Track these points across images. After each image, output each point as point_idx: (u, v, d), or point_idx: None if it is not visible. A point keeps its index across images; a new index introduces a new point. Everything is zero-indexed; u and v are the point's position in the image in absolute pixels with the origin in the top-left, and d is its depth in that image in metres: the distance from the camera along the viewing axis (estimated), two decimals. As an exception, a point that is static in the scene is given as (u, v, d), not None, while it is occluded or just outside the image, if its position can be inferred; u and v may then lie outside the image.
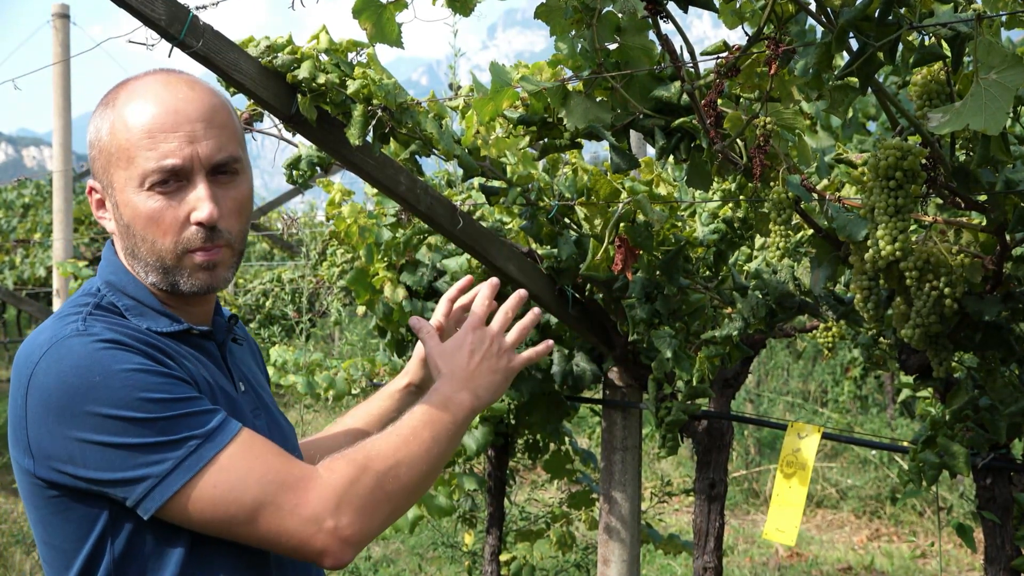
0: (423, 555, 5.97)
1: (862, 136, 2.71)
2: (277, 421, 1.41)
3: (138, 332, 1.22)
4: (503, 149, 2.22)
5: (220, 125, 1.26)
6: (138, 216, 1.23)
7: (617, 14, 1.60)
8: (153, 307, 1.28)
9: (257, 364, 1.52)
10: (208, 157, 1.23)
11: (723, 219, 2.51)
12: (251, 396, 1.37)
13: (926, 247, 1.68)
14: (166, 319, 1.27)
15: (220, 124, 1.26)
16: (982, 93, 1.22)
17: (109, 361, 1.15)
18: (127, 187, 1.23)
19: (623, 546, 2.58)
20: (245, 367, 1.42)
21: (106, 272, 1.30)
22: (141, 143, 1.21)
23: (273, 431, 1.36)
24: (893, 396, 8.25)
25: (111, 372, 1.14)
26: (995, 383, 2.01)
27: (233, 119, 1.29)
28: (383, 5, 1.62)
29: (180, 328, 1.28)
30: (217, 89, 1.30)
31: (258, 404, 1.36)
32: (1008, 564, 2.19)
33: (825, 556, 6.20)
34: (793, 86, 1.63)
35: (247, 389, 1.36)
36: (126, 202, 1.24)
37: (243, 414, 1.31)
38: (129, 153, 1.22)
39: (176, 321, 1.28)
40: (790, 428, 2.46)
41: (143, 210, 1.23)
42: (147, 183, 1.22)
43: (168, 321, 1.27)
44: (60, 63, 6.01)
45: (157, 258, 1.25)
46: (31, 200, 11.99)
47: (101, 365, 1.14)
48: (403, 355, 3.34)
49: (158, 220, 1.23)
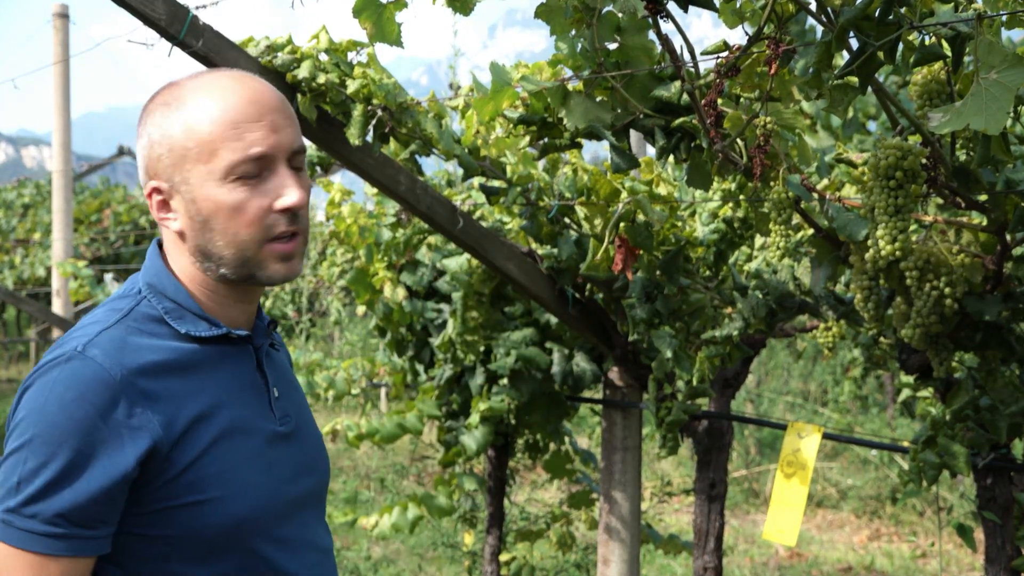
0: (423, 555, 5.98)
1: (862, 136, 2.71)
2: (305, 429, 1.43)
3: (136, 362, 1.23)
4: (503, 149, 2.22)
5: (291, 116, 1.30)
6: (221, 208, 1.25)
7: (617, 14, 1.60)
8: (193, 310, 1.30)
9: (287, 363, 1.54)
10: (289, 145, 1.27)
11: (723, 219, 2.51)
12: (284, 403, 1.38)
13: (926, 247, 1.68)
14: (205, 323, 1.30)
15: (291, 115, 1.30)
16: (983, 93, 1.22)
17: (61, 408, 1.18)
18: (207, 182, 1.25)
19: (623, 546, 2.58)
20: (281, 373, 1.43)
21: (149, 274, 1.32)
22: (226, 135, 1.24)
23: (297, 440, 1.38)
24: (893, 396, 8.25)
25: (47, 414, 1.19)
26: (995, 383, 2.01)
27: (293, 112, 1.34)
28: (383, 5, 1.62)
29: (219, 332, 1.30)
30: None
31: (289, 411, 1.38)
32: (1008, 564, 2.19)
33: (825, 556, 6.20)
34: (793, 86, 1.63)
35: (281, 395, 1.38)
36: (206, 196, 1.25)
37: (266, 419, 1.34)
38: (213, 146, 1.24)
39: (215, 326, 1.30)
40: (790, 428, 2.46)
41: (227, 201, 1.24)
42: (233, 174, 1.24)
43: (207, 325, 1.29)
44: (60, 63, 6.01)
45: (238, 249, 1.27)
46: (31, 200, 12.00)
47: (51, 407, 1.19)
48: (403, 355, 3.34)
49: (243, 210, 1.25)
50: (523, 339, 2.97)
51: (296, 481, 1.36)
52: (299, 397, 1.46)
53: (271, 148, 1.25)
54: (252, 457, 1.29)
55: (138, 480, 1.20)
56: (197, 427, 1.24)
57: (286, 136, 1.27)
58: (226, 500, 1.24)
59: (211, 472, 1.24)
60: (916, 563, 6.05)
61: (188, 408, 1.24)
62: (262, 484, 1.29)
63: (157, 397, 1.22)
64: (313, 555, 1.36)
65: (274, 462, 1.32)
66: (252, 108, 1.25)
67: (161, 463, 1.21)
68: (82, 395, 1.18)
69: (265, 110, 1.26)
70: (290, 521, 1.34)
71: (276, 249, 1.27)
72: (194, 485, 1.22)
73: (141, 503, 1.22)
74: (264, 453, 1.31)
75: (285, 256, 1.28)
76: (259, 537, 1.28)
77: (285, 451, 1.35)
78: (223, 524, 1.24)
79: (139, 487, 1.21)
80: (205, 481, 1.23)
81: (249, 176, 1.25)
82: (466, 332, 2.83)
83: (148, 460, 1.20)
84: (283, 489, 1.33)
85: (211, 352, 1.30)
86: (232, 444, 1.27)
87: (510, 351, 2.95)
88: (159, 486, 1.21)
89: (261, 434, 1.32)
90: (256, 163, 1.24)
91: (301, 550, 1.34)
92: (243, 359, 1.34)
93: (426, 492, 3.47)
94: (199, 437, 1.24)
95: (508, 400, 3.02)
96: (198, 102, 1.26)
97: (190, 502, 1.22)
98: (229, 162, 1.23)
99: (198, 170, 1.25)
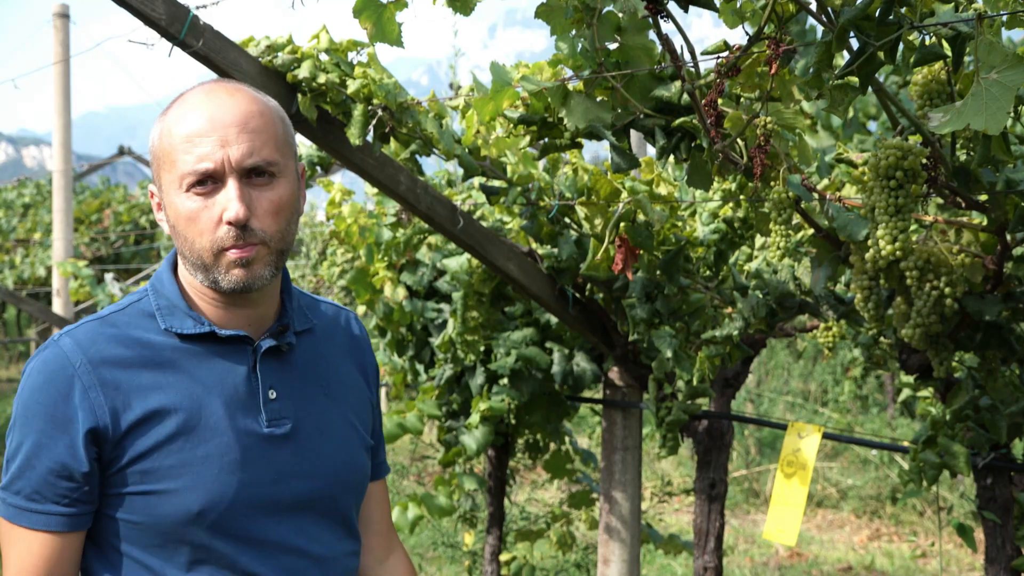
0: (423, 555, 5.97)
1: (863, 136, 2.71)
2: (312, 434, 1.41)
3: (102, 353, 1.33)
4: (503, 149, 2.22)
5: (254, 130, 1.32)
6: (179, 216, 1.31)
7: (617, 13, 1.60)
8: (181, 308, 1.36)
9: (332, 368, 1.50)
10: (239, 160, 1.30)
11: (723, 219, 2.50)
12: (282, 405, 1.38)
13: (927, 247, 1.68)
14: (191, 321, 1.35)
15: (254, 129, 1.32)
16: (983, 93, 1.22)
17: (30, 392, 1.32)
18: (171, 189, 1.32)
19: (623, 546, 2.58)
20: (294, 376, 1.42)
21: (156, 275, 1.41)
22: (181, 147, 1.30)
23: (294, 444, 1.38)
24: (893, 396, 8.25)
25: (22, 397, 1.33)
26: (995, 383, 2.01)
27: (273, 125, 1.35)
28: (383, 5, 1.62)
29: (203, 330, 1.35)
30: (261, 98, 1.36)
31: (286, 414, 1.38)
32: (1008, 564, 2.19)
33: (825, 556, 6.20)
34: (793, 85, 1.63)
35: (281, 397, 1.38)
36: (170, 203, 1.32)
37: (248, 419, 1.34)
38: (172, 157, 1.31)
39: (200, 323, 1.35)
40: (790, 428, 2.46)
41: (183, 210, 1.31)
42: (184, 184, 1.30)
43: (192, 323, 1.35)
44: (60, 63, 6.01)
45: (197, 256, 1.32)
46: (31, 200, 12.00)
47: (25, 391, 1.32)
48: (403, 355, 3.34)
49: (195, 219, 1.30)
50: (523, 339, 2.97)
51: (283, 483, 1.35)
52: (321, 403, 1.43)
53: (217, 163, 1.29)
54: (218, 454, 1.31)
55: (101, 463, 1.29)
56: (157, 419, 1.30)
57: (236, 151, 1.29)
58: (181, 492, 1.29)
59: (166, 464, 1.29)
60: (916, 563, 6.05)
61: (150, 400, 1.30)
62: (224, 482, 1.31)
63: (116, 386, 1.30)
64: (291, 559, 1.35)
65: (249, 462, 1.33)
66: (206, 124, 1.30)
67: (112, 448, 1.29)
68: (47, 381, 1.30)
69: (218, 125, 1.29)
70: (273, 522, 1.34)
71: (231, 256, 1.31)
72: (149, 475, 1.29)
73: (107, 485, 1.30)
74: (234, 451, 1.32)
75: (242, 262, 1.31)
76: (218, 533, 1.31)
77: (272, 453, 1.35)
78: (176, 516, 1.29)
79: (103, 470, 1.30)
80: (160, 472, 1.29)
81: (201, 186, 1.30)
82: (466, 332, 2.83)
83: (97, 444, 1.29)
84: (258, 490, 1.33)
85: (196, 349, 1.35)
86: (194, 439, 1.31)
87: (510, 351, 2.96)
88: (115, 472, 1.30)
89: (236, 432, 1.33)
90: (204, 175, 1.29)
91: (275, 552, 1.34)
92: (236, 358, 1.36)
93: (426, 492, 3.47)
94: (157, 429, 1.30)
95: (508, 400, 3.02)
96: (173, 113, 1.34)
97: (145, 491, 1.29)
98: (182, 173, 1.30)
99: (166, 177, 1.33)
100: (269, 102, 1.37)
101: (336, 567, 1.42)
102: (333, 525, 1.42)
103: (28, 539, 1.29)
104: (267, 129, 1.34)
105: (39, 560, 1.29)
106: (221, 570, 1.31)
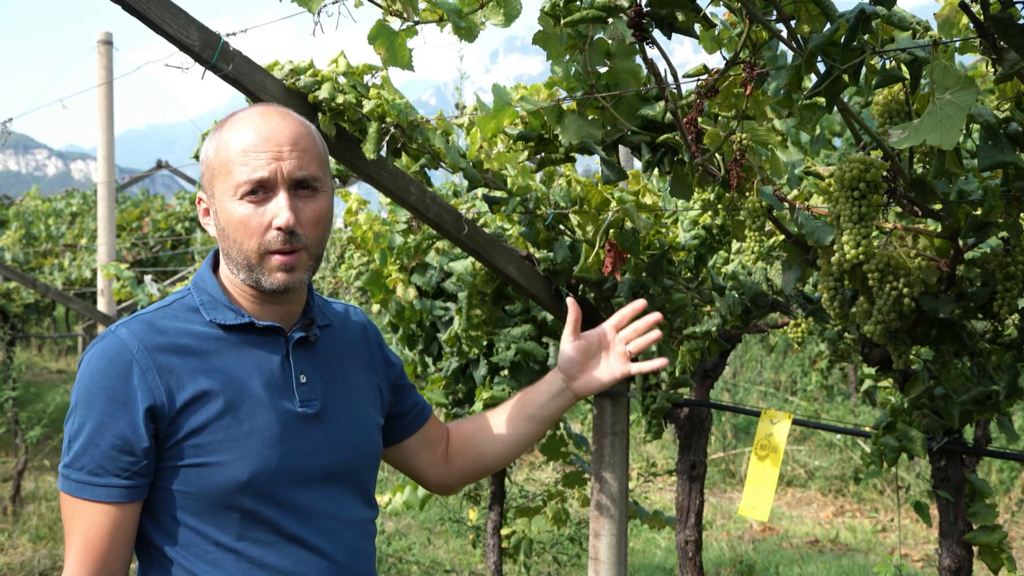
0: (432, 529, 5.97)
1: (829, 151, 2.70)
2: (338, 414, 1.43)
3: (156, 340, 1.33)
4: (504, 163, 2.21)
5: (303, 149, 1.36)
6: (231, 220, 1.34)
7: (607, 40, 1.60)
8: (222, 302, 1.38)
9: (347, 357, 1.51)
10: (290, 173, 1.33)
11: (703, 226, 2.50)
12: (312, 388, 1.41)
13: (887, 251, 1.68)
14: (232, 313, 1.38)
15: (303, 148, 1.36)
16: (938, 112, 1.22)
17: (91, 376, 1.32)
18: (225, 196, 1.34)
19: (612, 521, 2.58)
20: (321, 363, 1.44)
21: (197, 274, 1.43)
22: (237, 159, 1.33)
23: (324, 422, 1.40)
24: (856, 386, 8.24)
25: (83, 382, 1.32)
26: (949, 374, 2.00)
27: (316, 146, 1.39)
28: (396, 32, 1.62)
29: (243, 321, 1.37)
30: (305, 122, 1.40)
31: (315, 396, 1.40)
32: (960, 538, 2.19)
33: (795, 530, 6.19)
34: (766, 105, 1.63)
35: (311, 381, 1.41)
36: (223, 208, 1.35)
37: (285, 399, 1.36)
38: (228, 168, 1.34)
39: (240, 316, 1.38)
40: (763, 415, 2.45)
41: (235, 215, 1.33)
42: (239, 192, 1.32)
43: (233, 315, 1.38)
44: (104, 85, 6.01)
45: (244, 257, 1.34)
46: (78, 209, 11.98)
47: (86, 376, 1.32)
48: (413, 348, 3.34)
49: (246, 224, 1.33)
50: (522, 334, 2.97)
51: (315, 456, 1.37)
52: (342, 386, 1.46)
53: (271, 174, 1.32)
54: (260, 430, 1.33)
55: (157, 439, 1.30)
56: (206, 399, 1.31)
57: (288, 165, 1.33)
58: (230, 464, 1.30)
59: (216, 439, 1.30)
60: (877, 537, 6.04)
61: (199, 382, 1.32)
62: (268, 454, 1.32)
63: (170, 369, 1.31)
64: (332, 523, 1.38)
65: (287, 437, 1.35)
66: (261, 140, 1.33)
67: (168, 425, 1.30)
68: (108, 366, 1.30)
69: (272, 143, 1.33)
70: (307, 490, 1.36)
71: (276, 260, 1.33)
72: (201, 448, 1.30)
73: (162, 459, 1.31)
74: (275, 427, 1.34)
75: (285, 267, 1.34)
76: (263, 500, 1.32)
77: (305, 429, 1.37)
78: (226, 485, 1.30)
79: (160, 446, 1.30)
80: (211, 445, 1.30)
81: (253, 195, 1.32)
82: (470, 328, 2.82)
83: (155, 421, 1.29)
84: (296, 461, 1.35)
85: (236, 339, 1.37)
86: (240, 417, 1.32)
87: (510, 345, 2.95)
88: (170, 446, 1.30)
89: (275, 411, 1.35)
90: (258, 185, 1.32)
91: (316, 517, 1.36)
92: (271, 347, 1.39)
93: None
94: (207, 407, 1.31)
95: (508, 389, 3.01)
96: (229, 130, 1.36)
97: (198, 463, 1.30)
98: (237, 182, 1.32)
99: (221, 186, 1.35)
100: (311, 126, 1.40)
101: (362, 531, 1.44)
102: (355, 494, 1.44)
103: (91, 511, 1.29)
104: (312, 148, 1.38)
105: (101, 528, 1.29)
106: (267, 533, 1.33)
